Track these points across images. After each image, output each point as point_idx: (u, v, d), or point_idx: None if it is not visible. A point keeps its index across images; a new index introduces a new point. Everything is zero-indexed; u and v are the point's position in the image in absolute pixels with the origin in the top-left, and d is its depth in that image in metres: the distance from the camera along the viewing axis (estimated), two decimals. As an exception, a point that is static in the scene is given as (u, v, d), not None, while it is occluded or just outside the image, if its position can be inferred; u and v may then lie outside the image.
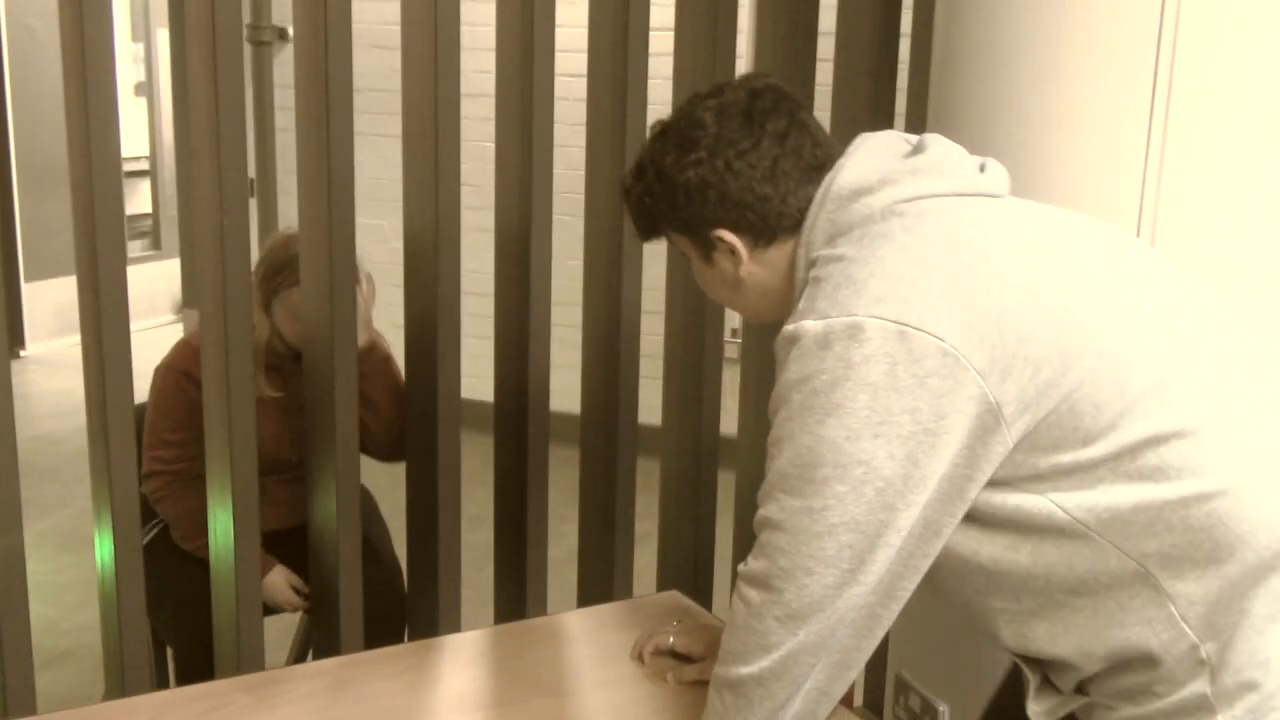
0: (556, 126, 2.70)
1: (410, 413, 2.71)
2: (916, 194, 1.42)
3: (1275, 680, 1.32)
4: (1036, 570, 1.35)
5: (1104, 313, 1.34)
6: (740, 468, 3.00)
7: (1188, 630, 1.31)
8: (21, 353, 7.09)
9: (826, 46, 2.76)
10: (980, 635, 1.49)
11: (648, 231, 1.61)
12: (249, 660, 2.46)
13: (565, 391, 3.11)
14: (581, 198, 2.83)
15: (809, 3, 2.79)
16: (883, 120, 2.76)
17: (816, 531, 1.32)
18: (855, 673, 1.41)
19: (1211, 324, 1.41)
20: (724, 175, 1.48)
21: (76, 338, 7.43)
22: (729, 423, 3.02)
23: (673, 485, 3.00)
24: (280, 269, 2.64)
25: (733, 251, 1.52)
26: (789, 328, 1.37)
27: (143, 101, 8.33)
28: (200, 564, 2.66)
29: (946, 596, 1.44)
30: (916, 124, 2.69)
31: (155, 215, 8.37)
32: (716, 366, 2.97)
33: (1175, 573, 1.31)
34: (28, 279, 7.23)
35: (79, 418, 5.84)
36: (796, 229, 1.49)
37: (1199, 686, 1.32)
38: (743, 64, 3.77)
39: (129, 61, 8.22)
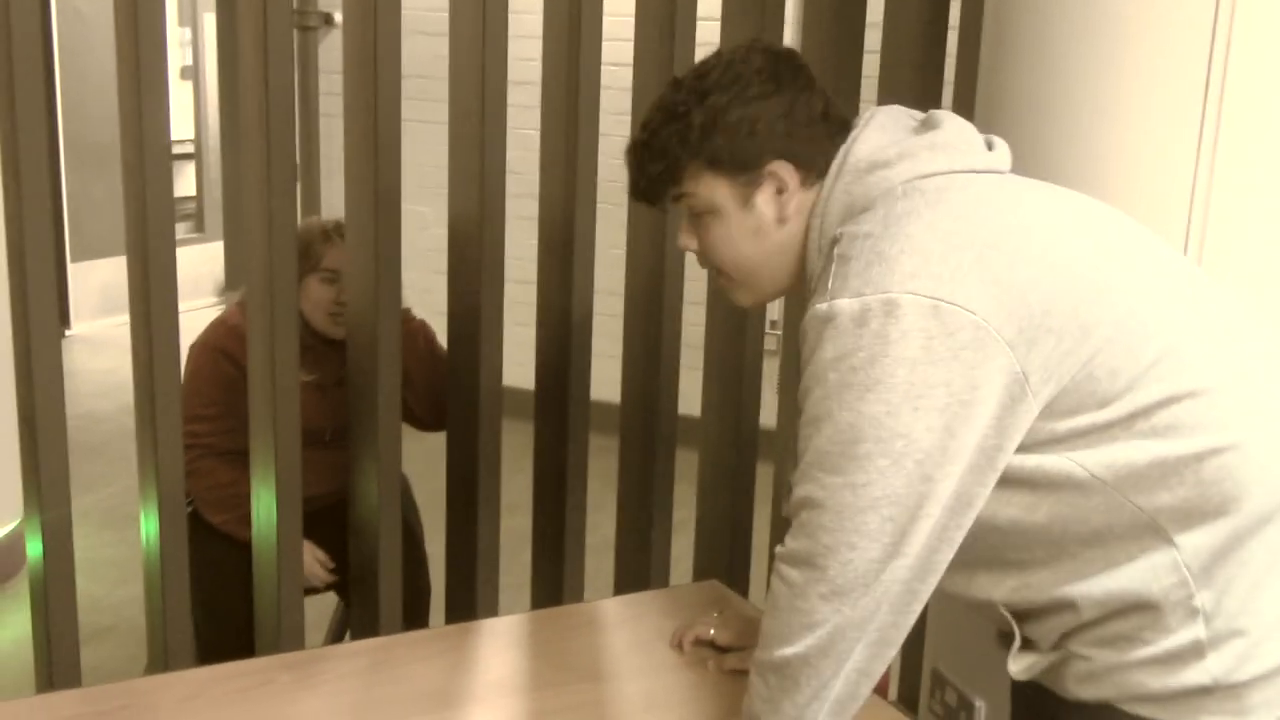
0: (601, 116, 2.71)
1: (452, 398, 2.72)
2: (934, 170, 1.45)
3: (1263, 628, 1.37)
4: (1054, 526, 1.39)
5: (1118, 284, 1.38)
6: (778, 459, 3.00)
7: (1189, 578, 1.36)
8: (67, 332, 7.17)
9: (873, 38, 2.75)
10: (971, 608, 1.53)
11: (663, 183, 1.58)
12: (290, 638, 2.49)
13: (606, 380, 3.12)
14: (625, 186, 2.83)
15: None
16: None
17: (860, 507, 1.34)
18: (894, 651, 1.42)
19: (1209, 293, 1.47)
20: (789, 108, 1.51)
21: (120, 318, 7.46)
22: (767, 414, 3.02)
23: (711, 475, 3.01)
24: (298, 258, 2.66)
25: (779, 192, 1.52)
26: (821, 306, 1.38)
27: (188, 86, 8.40)
28: (226, 543, 2.69)
29: (950, 567, 1.44)
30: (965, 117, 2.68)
31: (199, 198, 8.44)
32: (757, 358, 2.97)
33: (1185, 525, 1.36)
34: (73, 259, 7.30)
35: (122, 397, 5.91)
36: (819, 180, 1.52)
37: (1192, 632, 1.37)
38: (788, 55, 3.76)
39: (175, 46, 8.27)
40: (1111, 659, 1.41)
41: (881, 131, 1.51)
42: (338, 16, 6.01)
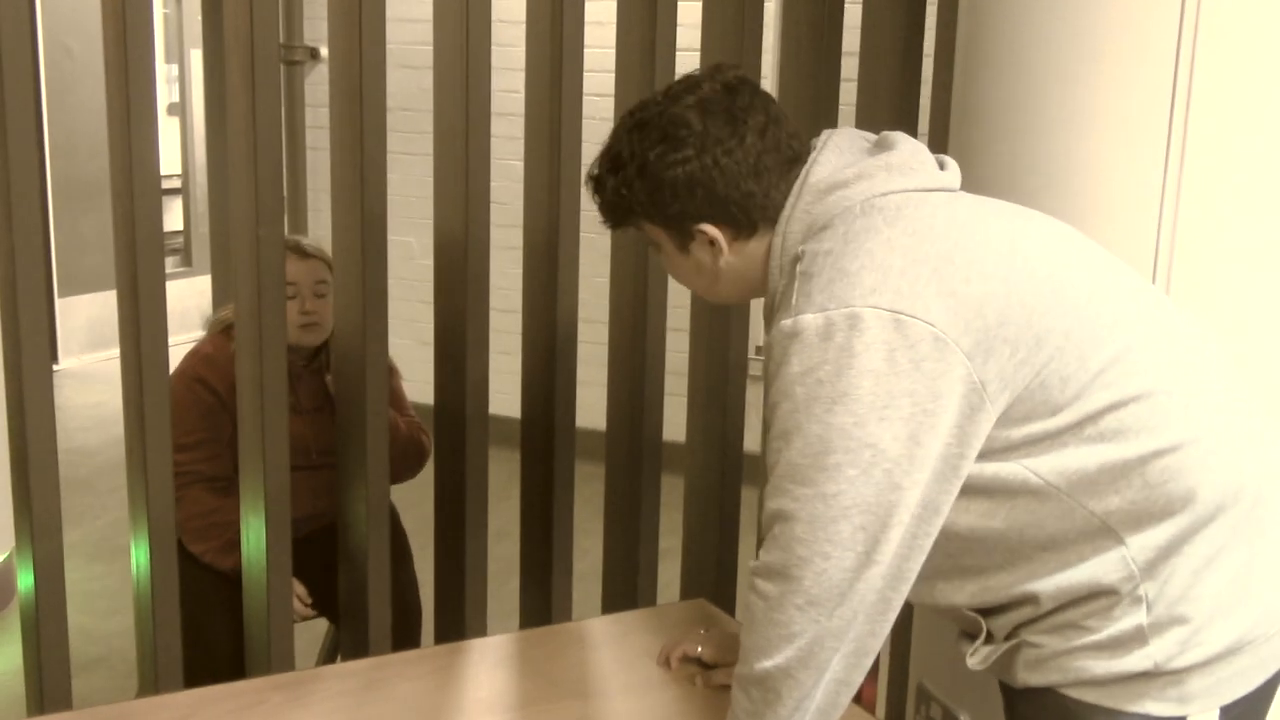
0: (584, 146, 2.75)
1: (438, 425, 2.75)
2: (890, 189, 1.50)
3: (1203, 616, 1.43)
4: (1010, 532, 1.45)
5: (1069, 295, 1.44)
6: (763, 484, 3.02)
7: (1135, 571, 1.42)
8: (55, 367, 7.19)
9: (850, 67, 2.80)
10: (936, 612, 1.58)
11: (618, 221, 1.65)
12: (280, 663, 2.51)
13: (591, 407, 3.15)
14: (608, 215, 2.87)
15: (833, 22, 2.83)
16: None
17: (831, 516, 1.38)
18: (871, 660, 1.45)
19: (1155, 301, 1.55)
20: (712, 173, 1.53)
21: (108, 352, 7.43)
22: (752, 439, 3.05)
23: (697, 501, 3.03)
24: None
25: (712, 243, 1.57)
26: (786, 322, 1.42)
27: (174, 121, 8.44)
28: (210, 573, 2.72)
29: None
30: (939, 144, 2.73)
31: (187, 232, 8.47)
32: (740, 383, 3.00)
33: (1134, 526, 1.42)
34: (60, 294, 7.32)
35: (111, 431, 5.93)
36: (776, 221, 1.55)
37: (1135, 619, 1.43)
38: (768, 84, 3.81)
39: (162, 82, 8.32)
40: (1059, 645, 1.46)
41: (838, 153, 1.55)
42: (323, 51, 6.07)
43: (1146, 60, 1.92)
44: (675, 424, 3.06)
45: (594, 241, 3.14)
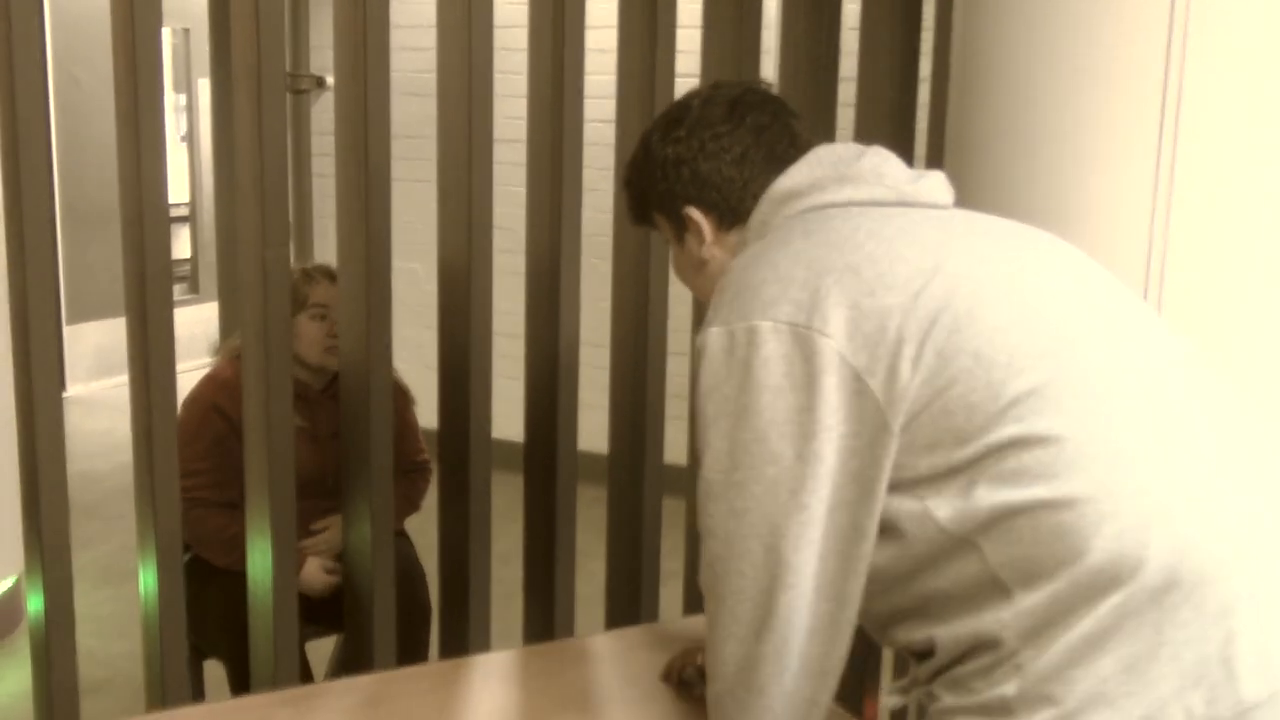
0: (586, 171, 2.79)
1: (442, 449, 2.78)
2: (839, 200, 1.49)
3: (1075, 700, 1.28)
4: (915, 576, 1.38)
5: (990, 318, 1.34)
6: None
7: (1015, 634, 1.31)
8: (62, 394, 7.22)
9: (847, 91, 2.84)
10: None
11: (637, 212, 1.69)
12: (285, 679, 2.53)
13: (595, 431, 3.18)
14: (610, 241, 2.91)
15: (830, 47, 2.88)
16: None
17: (742, 534, 1.37)
18: (835, 678, 1.42)
19: (1123, 334, 1.41)
20: (697, 154, 1.57)
21: (115, 379, 7.44)
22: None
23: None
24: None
25: (699, 231, 1.59)
26: (698, 338, 1.42)
27: (183, 150, 8.51)
28: (238, 577, 2.75)
29: None
30: (935, 163, 2.77)
31: (194, 260, 8.52)
32: (741, 405, 3.02)
33: (1023, 584, 1.30)
34: (68, 322, 7.37)
35: (117, 457, 5.95)
36: None
37: (1007, 687, 1.31)
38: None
39: (171, 111, 8.39)
40: (951, 701, 1.38)
41: (809, 166, 1.54)
42: (329, 79, 6.12)
43: (1135, 84, 1.96)
44: (677, 446, 3.08)
45: (596, 266, 3.18)
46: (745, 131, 1.57)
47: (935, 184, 1.56)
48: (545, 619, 2.92)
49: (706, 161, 1.57)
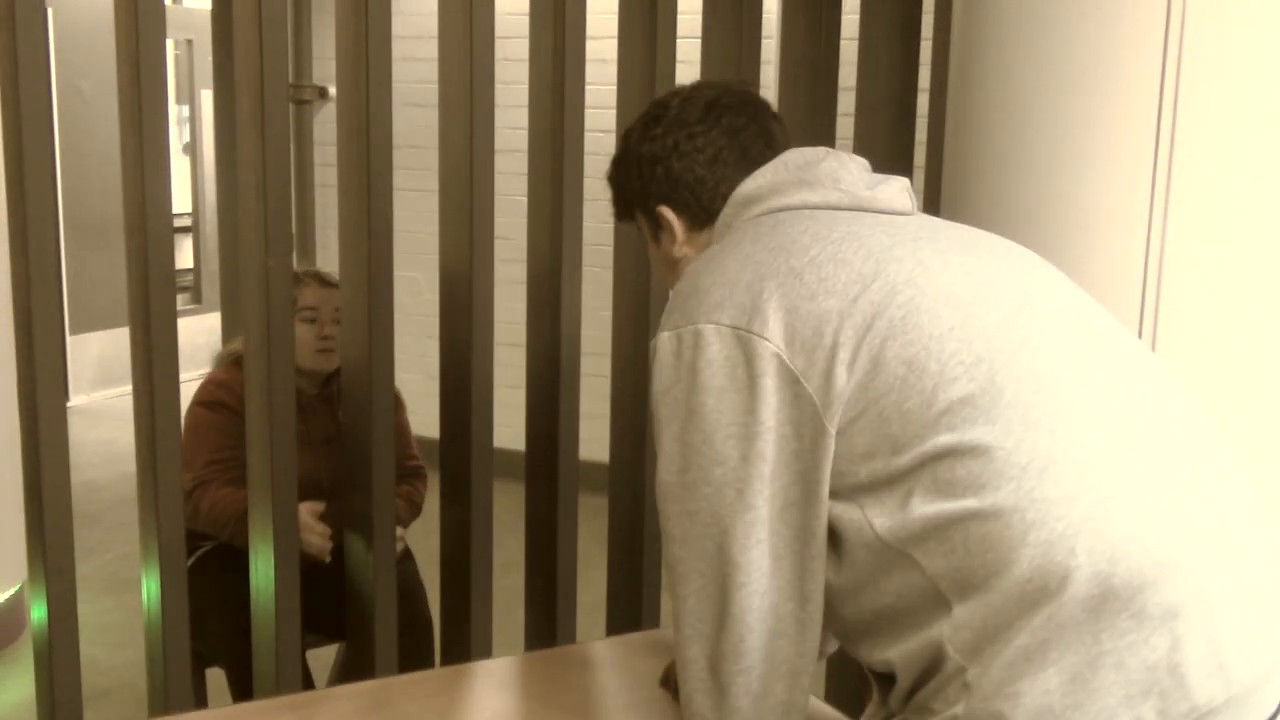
0: (586, 181, 2.80)
1: (443, 459, 2.79)
2: (795, 204, 1.49)
3: (1023, 715, 1.25)
4: (859, 591, 1.38)
5: (923, 325, 1.34)
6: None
7: (958, 650, 1.29)
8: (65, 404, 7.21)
9: (847, 101, 2.85)
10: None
11: (619, 209, 1.71)
12: (288, 687, 2.54)
13: (596, 440, 3.19)
14: (611, 250, 2.92)
15: (829, 57, 2.89)
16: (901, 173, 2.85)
17: (696, 534, 1.39)
18: (808, 678, 1.43)
19: (1071, 342, 1.40)
20: (671, 153, 1.58)
21: (118, 389, 7.42)
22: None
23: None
24: None
25: (671, 230, 1.61)
26: (652, 342, 1.44)
27: (184, 161, 8.53)
28: (241, 578, 2.76)
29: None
30: (932, 181, 2.78)
31: (196, 270, 8.54)
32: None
33: (960, 596, 1.29)
34: (71, 332, 7.38)
35: (120, 466, 5.97)
36: None
37: (957, 707, 1.29)
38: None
39: (173, 122, 8.41)
40: None
41: (774, 170, 1.55)
42: (331, 90, 6.14)
43: (1132, 94, 1.97)
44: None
45: (597, 275, 3.20)
46: (720, 133, 1.58)
47: (894, 191, 1.54)
48: (547, 626, 2.93)
49: (680, 161, 1.58)
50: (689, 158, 1.58)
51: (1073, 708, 1.24)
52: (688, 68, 2.91)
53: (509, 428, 3.25)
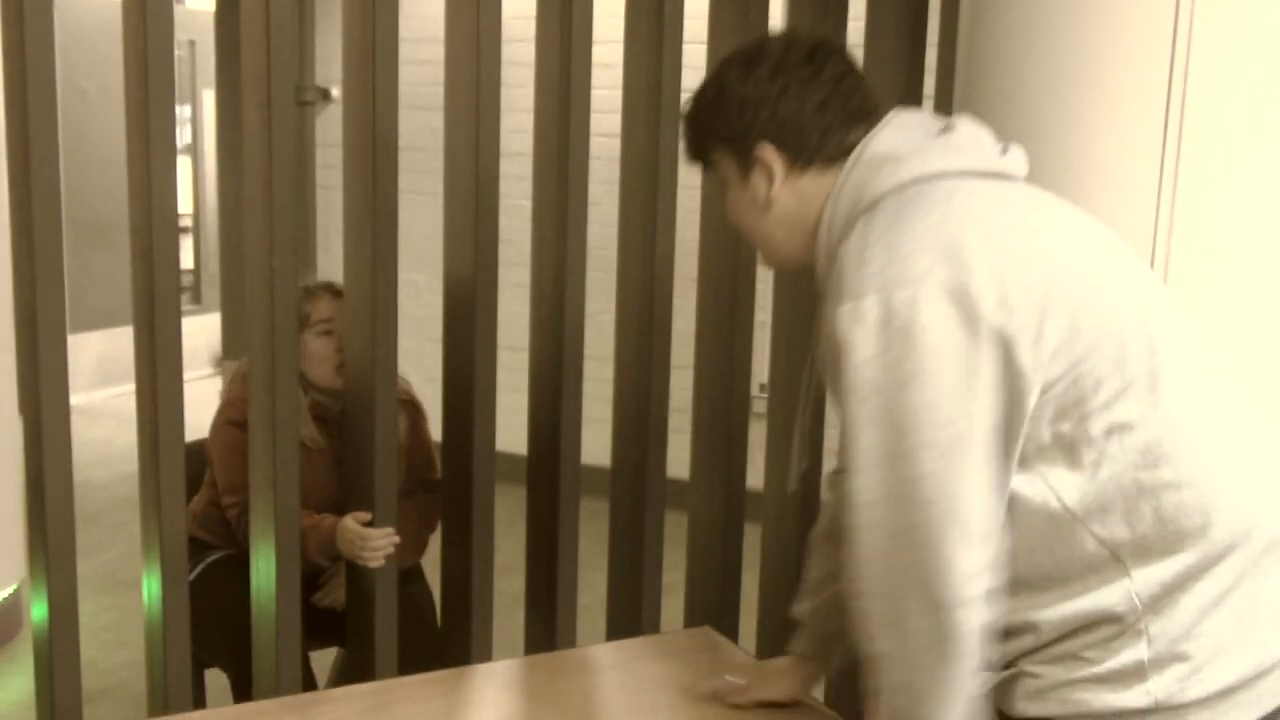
0: (591, 185, 2.80)
1: (446, 463, 2.79)
2: (942, 169, 1.53)
3: (1204, 654, 1.42)
4: (1019, 556, 1.45)
5: (1109, 298, 1.46)
6: (767, 521, 3.05)
7: (1139, 605, 1.42)
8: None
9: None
10: None
11: (696, 150, 1.70)
12: (288, 691, 2.53)
13: (598, 444, 3.18)
14: (615, 255, 2.92)
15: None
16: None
17: (919, 500, 1.39)
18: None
19: (1184, 329, 1.53)
20: (779, 96, 1.59)
21: (117, 389, 7.41)
22: (755, 475, 3.08)
23: (700, 537, 3.06)
24: None
25: (769, 172, 1.61)
26: (847, 307, 1.43)
27: (185, 161, 8.53)
28: (240, 584, 2.76)
29: None
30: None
31: (196, 271, 8.55)
32: (744, 421, 3.03)
33: (1142, 559, 1.43)
34: (71, 331, 7.37)
35: (119, 466, 5.97)
36: (830, 166, 1.59)
37: (1136, 654, 1.42)
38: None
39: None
40: (1059, 676, 1.46)
41: (899, 131, 1.58)
42: (335, 91, 6.15)
43: (1143, 59, 1.99)
44: (680, 460, 3.09)
45: (600, 280, 3.19)
46: (826, 79, 1.60)
47: (1018, 158, 1.62)
48: (547, 630, 2.92)
49: (788, 104, 1.59)
50: (799, 101, 1.59)
51: (1237, 641, 1.43)
52: (693, 73, 2.91)
53: (511, 431, 3.25)
